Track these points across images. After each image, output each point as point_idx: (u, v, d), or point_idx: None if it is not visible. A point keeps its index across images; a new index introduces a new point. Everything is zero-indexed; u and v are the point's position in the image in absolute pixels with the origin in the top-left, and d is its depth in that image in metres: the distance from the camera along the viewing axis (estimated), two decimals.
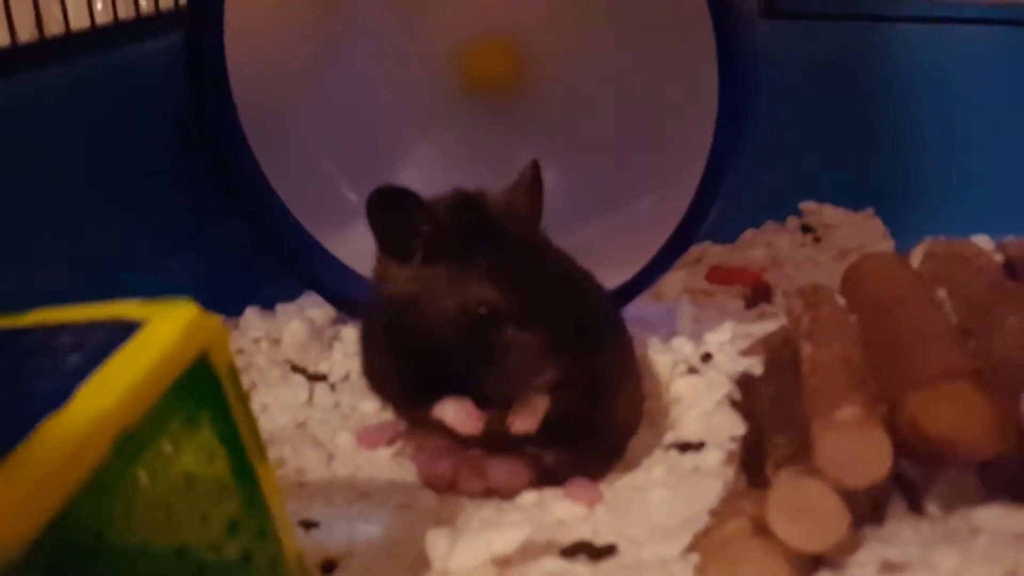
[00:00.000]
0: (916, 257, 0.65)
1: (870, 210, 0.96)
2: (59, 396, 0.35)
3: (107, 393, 0.35)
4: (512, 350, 0.55)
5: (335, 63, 0.83)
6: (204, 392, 0.40)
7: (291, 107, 0.83)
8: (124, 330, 0.39)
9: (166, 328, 0.39)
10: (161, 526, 0.37)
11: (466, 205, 0.58)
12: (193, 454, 0.39)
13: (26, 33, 0.67)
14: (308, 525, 0.56)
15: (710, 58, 0.68)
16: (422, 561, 0.52)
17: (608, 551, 0.54)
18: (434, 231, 0.56)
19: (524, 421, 0.57)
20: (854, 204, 0.96)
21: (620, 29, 0.81)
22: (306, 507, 0.59)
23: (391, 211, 0.56)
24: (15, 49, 0.66)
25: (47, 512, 0.32)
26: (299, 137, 0.83)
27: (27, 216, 0.64)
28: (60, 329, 0.40)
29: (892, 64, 0.94)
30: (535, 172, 0.60)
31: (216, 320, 0.41)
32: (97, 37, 0.73)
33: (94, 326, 0.40)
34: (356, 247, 0.80)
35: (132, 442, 0.36)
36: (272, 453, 0.63)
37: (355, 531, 0.56)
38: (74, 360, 0.37)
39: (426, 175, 0.82)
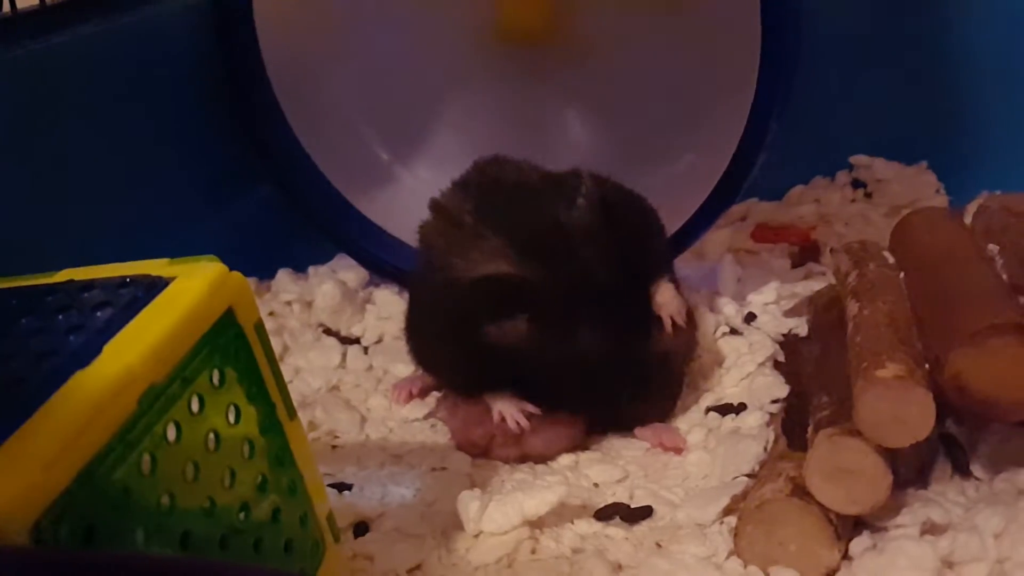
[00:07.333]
0: (970, 213, 0.63)
1: (924, 164, 0.91)
2: (88, 352, 0.35)
3: (134, 349, 0.35)
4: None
5: (366, 20, 0.82)
6: (231, 349, 0.40)
7: (322, 66, 0.82)
8: (151, 288, 0.39)
9: (192, 285, 0.39)
10: (189, 483, 0.36)
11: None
12: (221, 412, 0.39)
13: None
14: (341, 487, 0.56)
15: (752, 5, 0.65)
16: (455, 523, 0.52)
17: (643, 513, 0.53)
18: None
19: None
20: (907, 158, 0.91)
21: None
22: (339, 470, 0.59)
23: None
24: (43, 9, 0.66)
25: (77, 465, 0.32)
26: (330, 96, 0.82)
27: (59, 181, 0.65)
28: (89, 287, 0.40)
29: (948, 8, 0.87)
30: None
31: (240, 277, 0.41)
32: None
33: (121, 284, 0.40)
34: (387, 208, 0.79)
35: (159, 398, 0.36)
36: (305, 416, 0.63)
37: (388, 493, 0.56)
38: (102, 317, 0.38)
39: (460, 133, 0.81)
